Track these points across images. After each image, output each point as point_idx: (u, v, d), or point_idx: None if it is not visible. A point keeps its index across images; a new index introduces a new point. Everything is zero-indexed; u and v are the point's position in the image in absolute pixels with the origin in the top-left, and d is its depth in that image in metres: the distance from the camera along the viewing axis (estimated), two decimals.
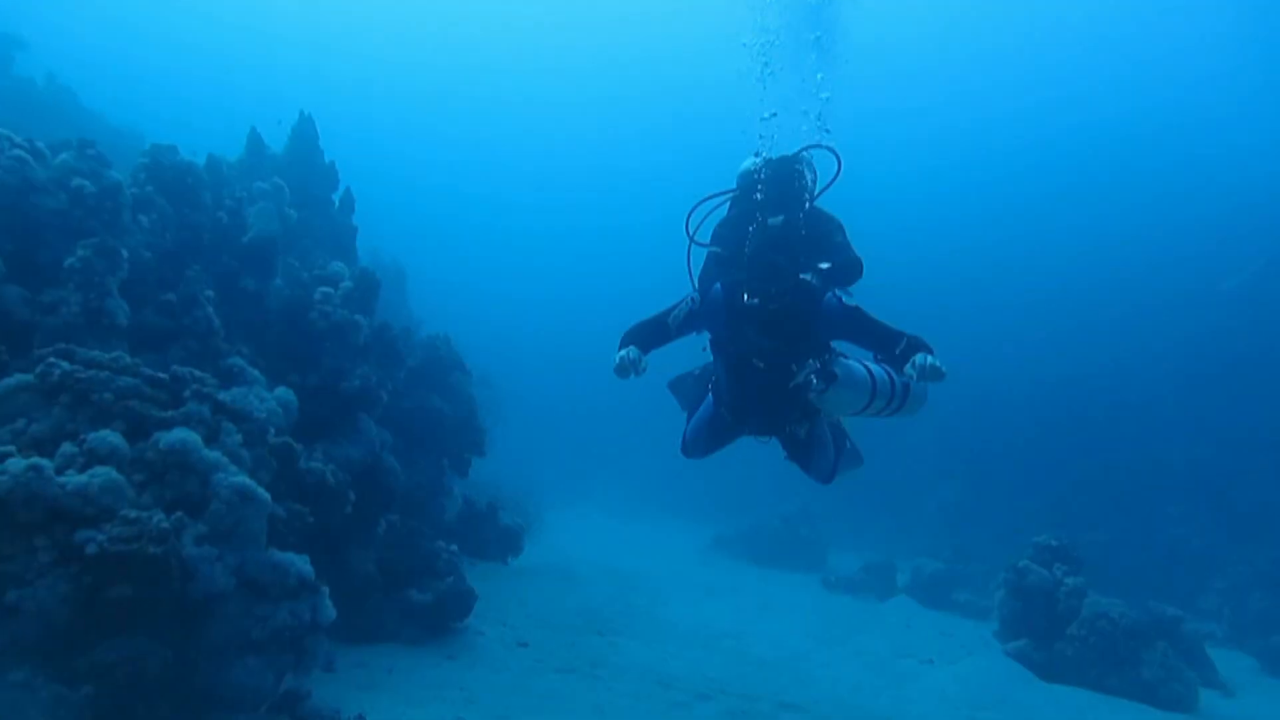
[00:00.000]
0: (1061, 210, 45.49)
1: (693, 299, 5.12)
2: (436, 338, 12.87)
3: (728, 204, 6.25)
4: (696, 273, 5.94)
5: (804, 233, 5.48)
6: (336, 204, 14.74)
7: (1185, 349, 28.96)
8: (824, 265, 5.37)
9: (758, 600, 14.93)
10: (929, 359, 4.39)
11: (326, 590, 6.79)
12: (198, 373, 7.43)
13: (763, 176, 5.70)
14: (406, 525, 9.63)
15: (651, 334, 5.08)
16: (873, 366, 4.92)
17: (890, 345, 4.71)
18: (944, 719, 9.00)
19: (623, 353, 4.85)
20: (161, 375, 7.27)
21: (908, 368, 4.44)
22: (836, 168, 5.64)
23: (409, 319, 17.17)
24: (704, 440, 5.72)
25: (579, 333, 52.94)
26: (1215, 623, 16.85)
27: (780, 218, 4.98)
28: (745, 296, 4.85)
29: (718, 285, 5.08)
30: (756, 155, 5.90)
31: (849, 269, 5.48)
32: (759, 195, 5.61)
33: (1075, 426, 27.97)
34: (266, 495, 6.59)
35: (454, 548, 9.70)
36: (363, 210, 15.08)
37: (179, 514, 6.23)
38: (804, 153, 5.79)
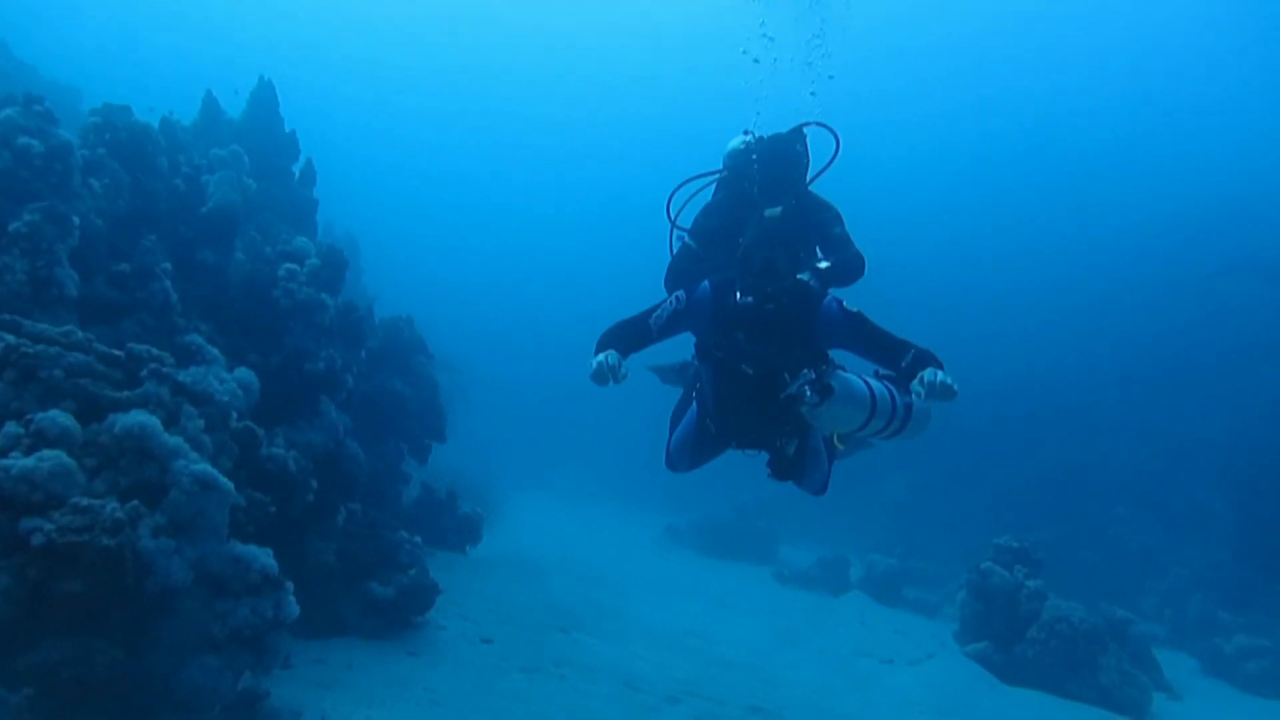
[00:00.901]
0: (1010, 214, 46.20)
1: (678, 298, 4.68)
2: (399, 319, 12.45)
3: (712, 187, 5.92)
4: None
5: (802, 223, 5.24)
6: (297, 176, 14.14)
7: (1129, 352, 29.64)
8: (823, 264, 5.15)
9: (716, 595, 14.83)
10: (939, 375, 3.96)
11: (290, 586, 6.44)
12: (155, 351, 6.99)
13: (757, 158, 5.38)
14: (368, 515, 9.26)
15: (631, 336, 4.59)
16: (873, 382, 4.54)
17: (896, 357, 4.30)
18: None
19: (600, 358, 4.29)
20: (116, 352, 6.82)
21: (915, 384, 4.02)
22: (834, 148, 5.37)
23: (362, 295, 16.63)
24: (689, 453, 5.34)
25: (540, 318, 52.59)
26: (1158, 624, 17.20)
27: (779, 209, 4.68)
28: (738, 295, 4.51)
29: (706, 283, 4.70)
30: (746, 134, 5.55)
31: (850, 267, 5.23)
32: (755, 185, 5.34)
33: (1023, 426, 28.48)
34: (229, 485, 6.21)
35: (417, 539, 9.36)
36: (321, 184, 14.52)
37: (135, 503, 5.82)
38: (802, 130, 5.44)
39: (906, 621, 15.45)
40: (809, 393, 4.35)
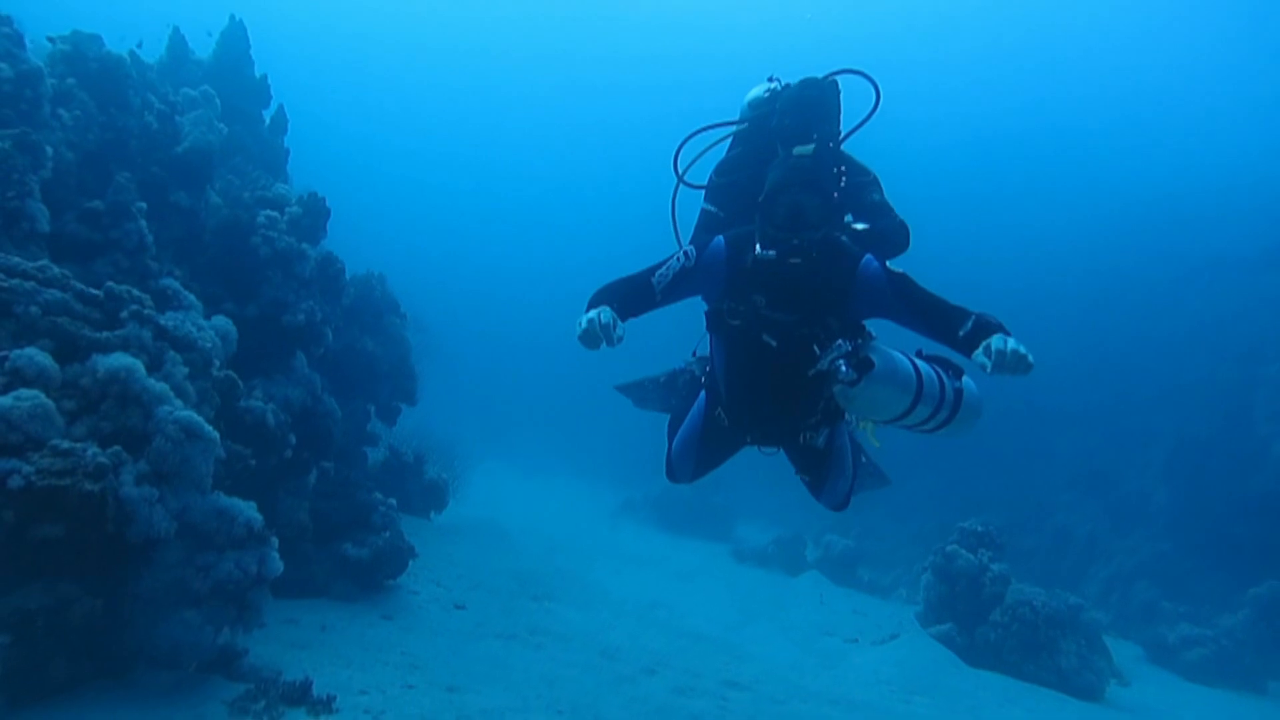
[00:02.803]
0: (964, 206, 46.84)
1: (686, 253, 3.90)
2: (370, 276, 12.09)
3: (729, 144, 5.03)
4: (685, 230, 4.77)
5: (838, 173, 4.45)
6: (267, 122, 13.65)
7: (1079, 343, 30.24)
8: (860, 226, 4.34)
9: (678, 569, 14.84)
10: (1010, 342, 3.20)
11: (275, 541, 6.22)
12: (136, 292, 6.67)
13: (784, 97, 4.60)
14: (342, 474, 9.02)
15: (631, 295, 3.78)
16: (919, 362, 3.84)
17: (951, 326, 3.51)
18: (883, 700, 9.02)
19: (591, 314, 3.46)
20: (95, 291, 6.49)
21: (979, 354, 3.26)
22: (874, 100, 4.56)
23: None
24: (694, 454, 4.53)
25: (509, 293, 52.04)
26: (1103, 611, 17.65)
27: (811, 146, 3.81)
28: (758, 247, 3.71)
29: (720, 238, 3.94)
30: (771, 80, 4.80)
31: (893, 236, 4.41)
32: (779, 120, 4.53)
33: None
34: (215, 434, 5.96)
35: (392, 501, 9.14)
36: (293, 133, 14.03)
37: (117, 449, 5.55)
38: (835, 79, 4.64)
39: (863, 602, 15.64)
40: (844, 367, 3.65)
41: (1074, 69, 45.82)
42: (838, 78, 4.63)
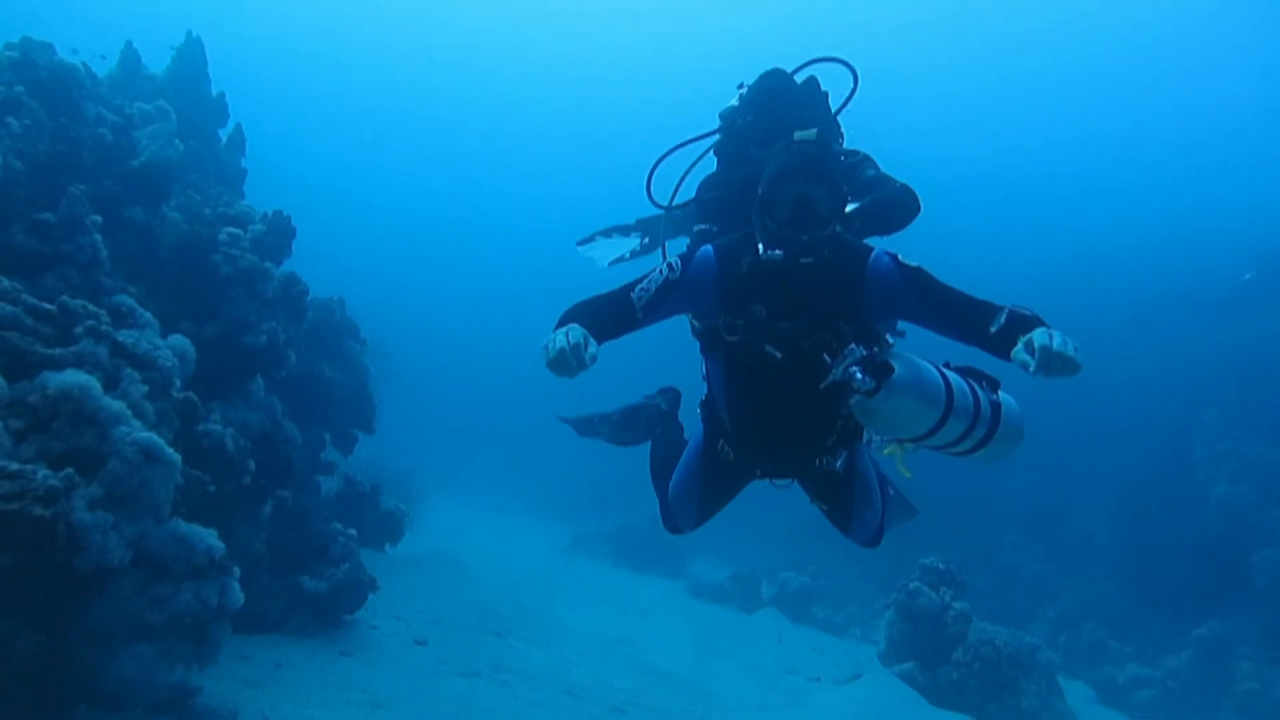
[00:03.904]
0: (924, 239, 47.63)
1: (670, 265, 3.43)
2: (330, 300, 11.75)
3: (708, 159, 4.66)
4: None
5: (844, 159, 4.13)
6: (224, 141, 13.30)
7: (1022, 382, 30.72)
8: (851, 206, 3.88)
9: (637, 605, 14.58)
10: (1055, 336, 2.79)
11: (237, 572, 5.89)
12: (92, 307, 6.34)
13: (747, 96, 4.35)
14: (300, 503, 8.65)
15: (607, 314, 3.29)
16: (948, 372, 3.38)
17: (980, 323, 3.10)
18: None
19: (560, 335, 2.93)
20: (48, 306, 6.14)
21: (1018, 351, 2.84)
22: (853, 84, 4.24)
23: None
24: (695, 499, 4.00)
25: (465, 314, 51.35)
26: (1053, 650, 17.76)
27: (813, 131, 3.38)
28: (761, 248, 3.27)
29: (707, 247, 3.50)
30: (740, 87, 4.46)
31: (895, 202, 3.94)
32: (743, 119, 4.24)
33: (920, 450, 29.19)
34: (176, 457, 5.63)
35: (351, 531, 8.78)
36: (250, 154, 13.68)
37: (69, 471, 5.20)
38: (806, 68, 4.38)
39: (820, 640, 15.53)
40: (860, 375, 3.15)
41: (1016, 113, 47.22)
42: (822, 70, 4.38)
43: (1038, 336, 2.81)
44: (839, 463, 3.77)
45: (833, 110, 4.42)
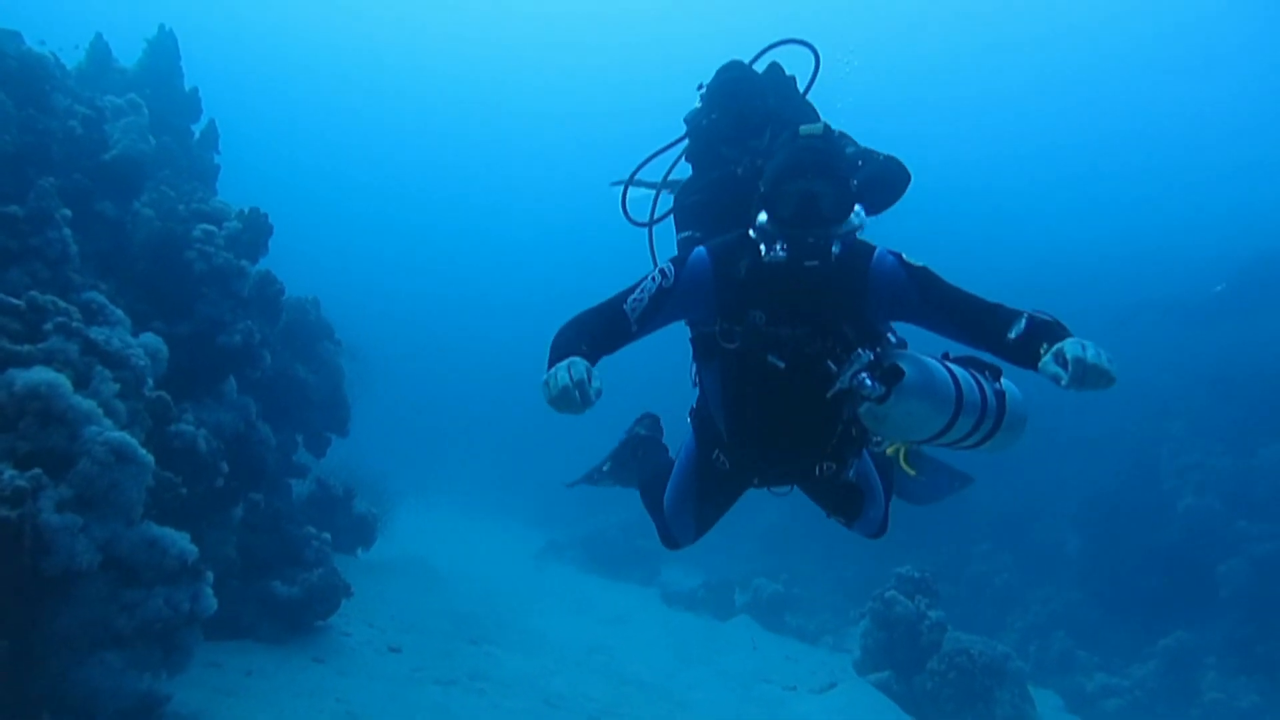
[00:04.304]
0: (903, 243, 47.90)
1: (662, 271, 3.24)
2: (304, 300, 11.56)
3: (681, 169, 4.46)
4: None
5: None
6: (197, 136, 13.06)
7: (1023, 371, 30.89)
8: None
9: (612, 613, 14.46)
10: (1089, 348, 2.65)
11: (210, 577, 5.73)
12: (62, 303, 6.15)
13: (722, 84, 4.09)
14: (272, 506, 8.47)
15: (601, 330, 3.12)
16: (953, 366, 3.21)
17: (996, 327, 2.96)
18: None
19: (561, 370, 2.70)
20: (15, 301, 5.95)
21: (1048, 363, 2.68)
22: (814, 65, 4.12)
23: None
24: (692, 511, 3.83)
25: (441, 317, 50.84)
26: (1023, 659, 17.86)
27: (820, 125, 3.17)
28: (763, 249, 3.08)
29: (700, 249, 3.31)
30: (700, 88, 4.25)
31: (886, 177, 3.79)
32: (708, 118, 4.05)
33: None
34: (149, 458, 5.47)
35: (325, 535, 8.62)
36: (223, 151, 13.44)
37: (37, 471, 5.03)
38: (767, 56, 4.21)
39: (794, 648, 15.49)
40: (869, 382, 3.00)
41: (997, 121, 47.62)
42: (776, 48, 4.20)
43: (1069, 348, 2.64)
44: (850, 473, 3.61)
45: (800, 92, 4.25)
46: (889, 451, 3.71)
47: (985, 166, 47.41)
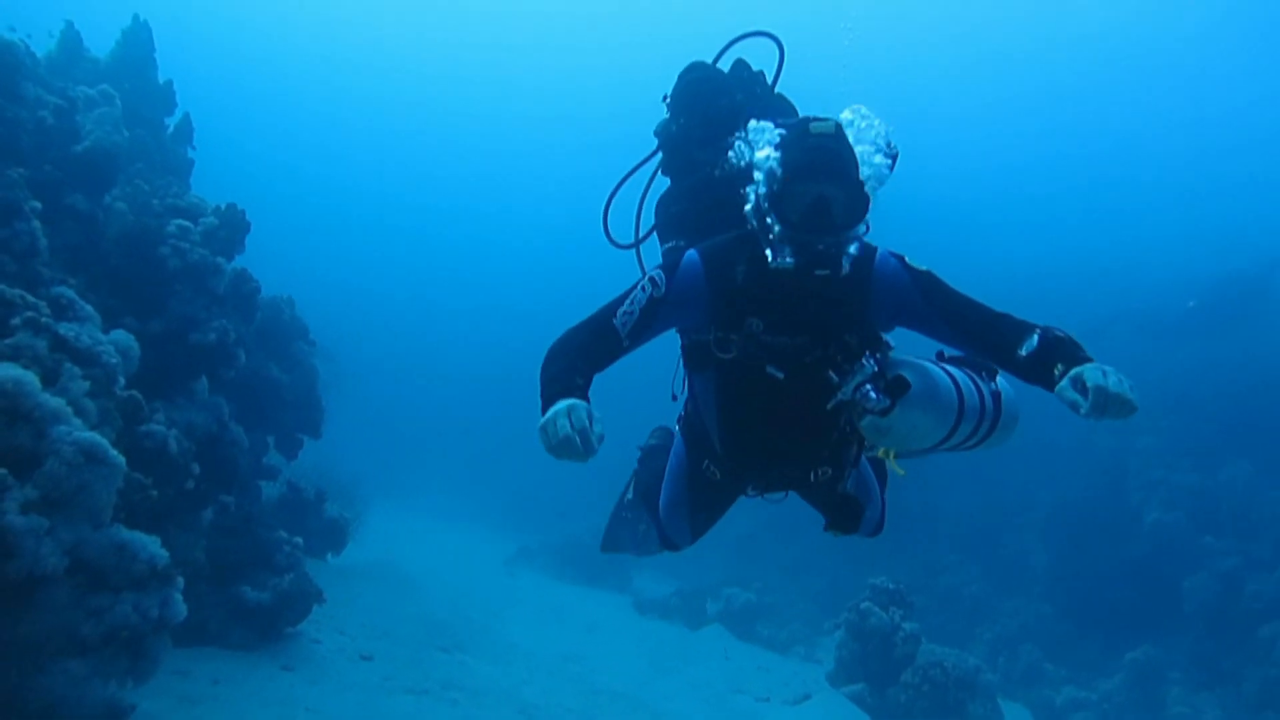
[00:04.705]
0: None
1: (653, 280, 3.02)
2: (279, 299, 11.36)
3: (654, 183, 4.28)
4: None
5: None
6: (171, 130, 12.82)
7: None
8: None
9: (585, 621, 14.36)
10: (1110, 375, 2.54)
11: (181, 583, 5.56)
12: (30, 297, 5.96)
13: (684, 87, 3.95)
14: (243, 510, 8.28)
15: (593, 349, 2.91)
16: (952, 370, 3.12)
17: (1007, 339, 2.84)
18: None
19: (561, 411, 2.49)
20: None
21: (1066, 389, 2.59)
22: (779, 57, 3.93)
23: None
24: (687, 514, 3.72)
25: (417, 320, 50.30)
26: (992, 671, 17.93)
27: (831, 123, 2.97)
28: (770, 255, 2.91)
29: (692, 253, 3.11)
30: (665, 99, 4.11)
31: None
32: (675, 123, 3.88)
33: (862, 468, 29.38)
34: (120, 459, 5.30)
35: (298, 540, 8.44)
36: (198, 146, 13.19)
37: (1, 471, 4.85)
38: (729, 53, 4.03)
39: (766, 658, 15.44)
40: (873, 394, 2.89)
41: (977, 136, 48.04)
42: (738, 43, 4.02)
43: (1089, 375, 2.53)
44: (849, 482, 3.47)
45: (769, 86, 4.08)
46: (880, 454, 3.57)
47: (959, 178, 47.80)
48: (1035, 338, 2.77)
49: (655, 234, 4.01)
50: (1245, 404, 21.10)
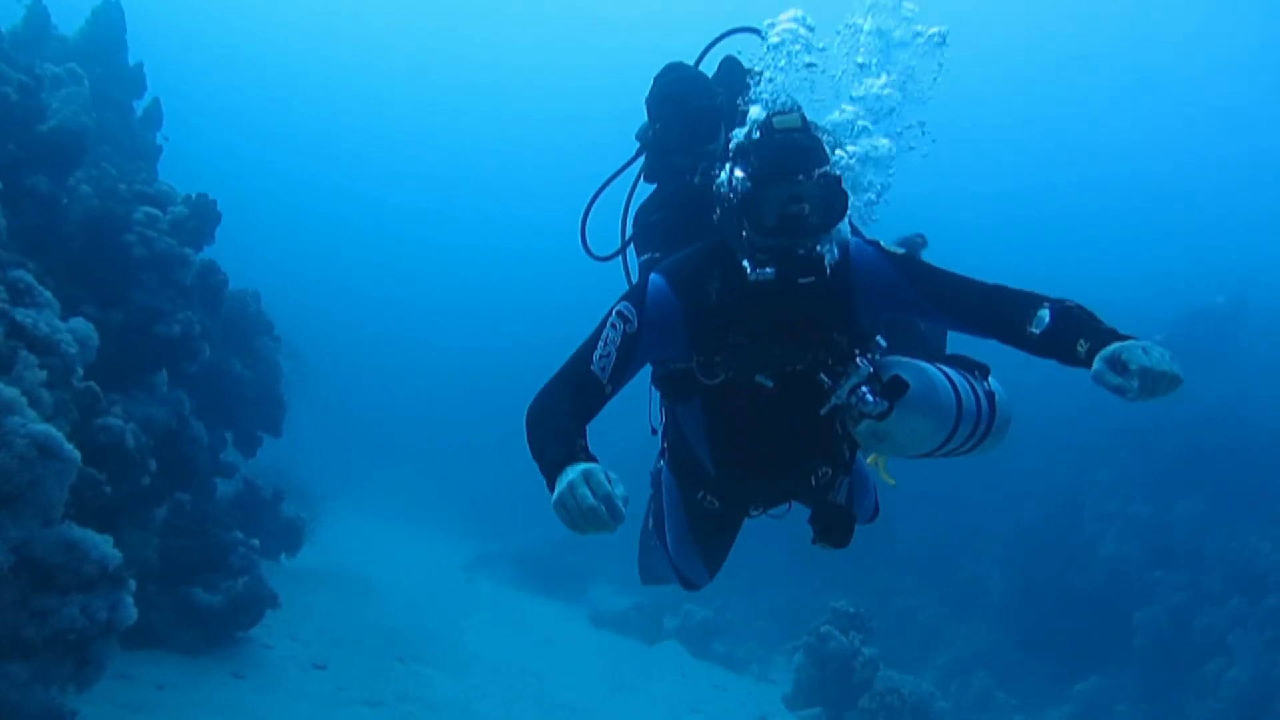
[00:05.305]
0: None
1: (622, 316, 2.74)
2: (245, 293, 11.05)
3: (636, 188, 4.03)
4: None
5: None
6: (139, 114, 12.50)
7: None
8: None
9: (542, 633, 14.15)
10: (1153, 350, 2.33)
11: (132, 585, 5.33)
12: None
13: (659, 89, 3.73)
14: (199, 509, 8.02)
15: (579, 408, 2.60)
16: (948, 370, 2.92)
17: (1015, 315, 2.61)
18: None
19: (580, 484, 2.12)
20: None
21: (1106, 374, 2.31)
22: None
23: None
24: (697, 552, 3.49)
25: (383, 318, 49.58)
26: (944, 698, 17.98)
27: (796, 114, 2.76)
28: (748, 267, 2.68)
29: (654, 277, 2.85)
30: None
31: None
32: (654, 127, 3.67)
33: None
34: (75, 454, 5.08)
35: (254, 542, 8.19)
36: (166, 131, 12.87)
37: None
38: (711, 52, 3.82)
39: (721, 677, 15.36)
40: (870, 397, 2.69)
41: (946, 158, 48.57)
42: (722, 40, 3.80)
43: (1130, 355, 2.29)
44: (844, 490, 3.26)
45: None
46: (870, 461, 3.48)
47: (934, 203, 48.32)
48: (1046, 312, 2.54)
49: (634, 245, 3.72)
50: (1202, 439, 21.39)
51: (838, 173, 2.74)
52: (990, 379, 3.11)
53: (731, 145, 2.97)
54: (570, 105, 50.61)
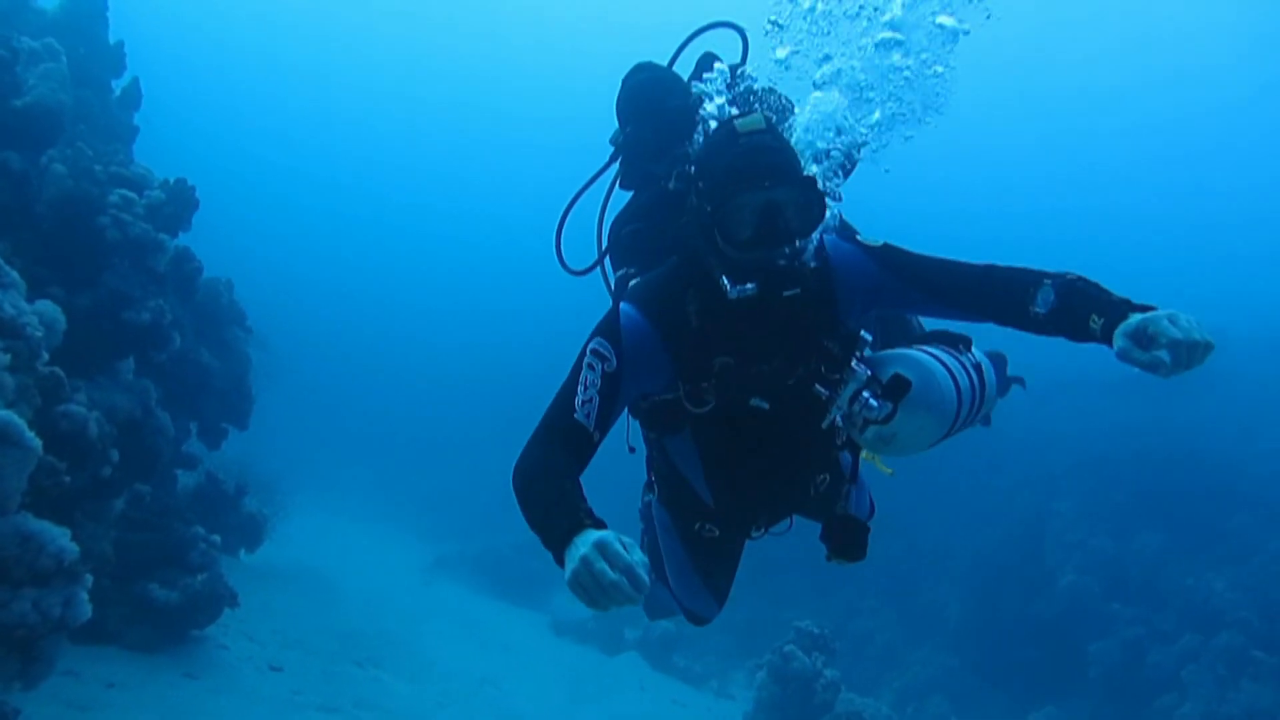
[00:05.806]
0: None
1: (598, 354, 2.55)
2: (217, 281, 10.85)
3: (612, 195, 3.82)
4: None
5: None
6: (117, 94, 12.23)
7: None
8: None
9: (502, 640, 14.00)
10: (1180, 319, 2.16)
11: (89, 580, 5.15)
12: None
13: (627, 91, 3.52)
14: (160, 502, 7.81)
15: (573, 463, 2.40)
16: (937, 352, 2.78)
17: (1015, 296, 2.50)
18: None
19: (596, 557, 1.90)
20: None
21: (1133, 350, 2.17)
22: (743, 51, 3.50)
23: None
24: (701, 585, 3.39)
25: (358, 314, 48.98)
26: None
27: (759, 116, 2.56)
28: (727, 283, 2.49)
29: (626, 306, 2.67)
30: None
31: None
32: (625, 130, 3.48)
33: None
34: (36, 442, 4.90)
35: (215, 538, 8.00)
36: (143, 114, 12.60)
37: None
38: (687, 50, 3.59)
39: (680, 691, 15.28)
40: (874, 401, 2.57)
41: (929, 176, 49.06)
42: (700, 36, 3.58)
43: (1160, 327, 2.13)
44: (848, 500, 3.11)
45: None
46: (865, 457, 3.25)
47: (918, 218, 48.78)
48: (1050, 290, 2.42)
49: (609, 258, 3.52)
50: (1163, 474, 21.68)
51: (811, 173, 2.63)
52: (974, 348, 2.98)
53: (692, 154, 2.85)
54: (542, 101, 50.62)
